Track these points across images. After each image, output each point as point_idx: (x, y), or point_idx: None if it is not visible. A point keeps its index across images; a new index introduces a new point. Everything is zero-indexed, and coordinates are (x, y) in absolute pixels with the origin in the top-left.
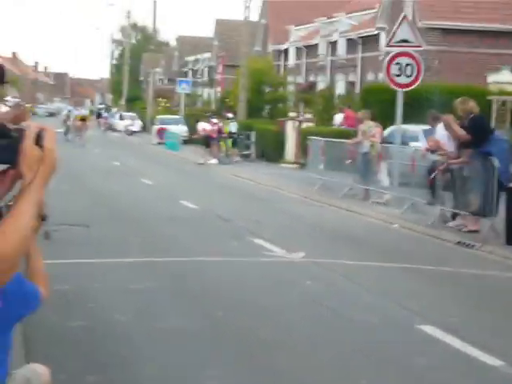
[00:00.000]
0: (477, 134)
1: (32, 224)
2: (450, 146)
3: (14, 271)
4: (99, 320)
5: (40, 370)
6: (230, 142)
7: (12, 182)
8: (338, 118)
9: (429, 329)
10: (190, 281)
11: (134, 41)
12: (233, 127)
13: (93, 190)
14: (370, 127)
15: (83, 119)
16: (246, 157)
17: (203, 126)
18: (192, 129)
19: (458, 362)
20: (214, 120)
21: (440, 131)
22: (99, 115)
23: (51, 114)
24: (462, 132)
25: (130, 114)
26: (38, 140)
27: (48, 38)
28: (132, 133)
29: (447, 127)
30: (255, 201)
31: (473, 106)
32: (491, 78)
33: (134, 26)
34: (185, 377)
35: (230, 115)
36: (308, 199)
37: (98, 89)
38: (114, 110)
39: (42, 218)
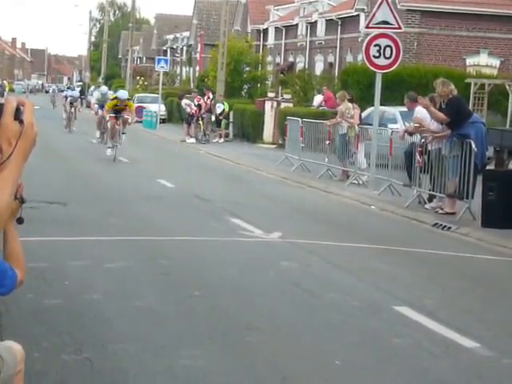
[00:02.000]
0: (455, 115)
1: (9, 200)
2: (432, 124)
3: None
4: (75, 298)
5: (14, 347)
6: (224, 122)
7: None
8: (318, 98)
9: (405, 310)
10: (167, 260)
11: (112, 18)
12: (218, 108)
13: (70, 168)
14: (349, 108)
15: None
16: (224, 136)
17: (187, 103)
18: (169, 107)
19: (433, 344)
20: (206, 97)
21: (420, 111)
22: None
23: (31, 91)
24: (440, 114)
25: (110, 91)
26: (17, 114)
27: (26, 14)
28: None
29: (426, 110)
30: (233, 181)
31: (452, 88)
32: (470, 61)
33: (113, 4)
34: (160, 355)
35: (211, 95)
36: (286, 180)
37: (76, 66)
38: (92, 87)
39: (21, 200)
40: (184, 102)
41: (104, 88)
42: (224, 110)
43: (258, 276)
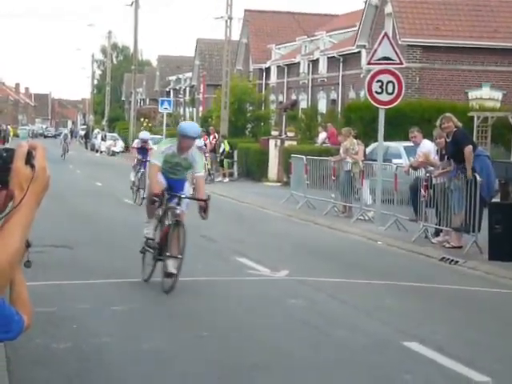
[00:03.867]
0: (461, 148)
1: (21, 245)
2: (437, 159)
3: (1, 293)
4: (84, 342)
5: None
6: (226, 162)
7: (4, 202)
8: (322, 135)
9: (414, 346)
10: (174, 301)
11: (115, 61)
12: (226, 146)
13: (75, 210)
14: (353, 145)
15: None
16: (229, 176)
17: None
18: None
19: (444, 379)
20: (212, 136)
21: (427, 146)
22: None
23: (35, 136)
24: (470, 160)
25: (113, 134)
26: (29, 159)
27: (29, 59)
28: (114, 153)
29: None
30: (239, 220)
31: (456, 121)
32: (472, 94)
33: (115, 47)
34: None
35: (216, 135)
36: (292, 217)
37: (79, 109)
38: (96, 130)
39: (27, 244)
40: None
41: (145, 134)
42: (225, 149)
43: (265, 315)
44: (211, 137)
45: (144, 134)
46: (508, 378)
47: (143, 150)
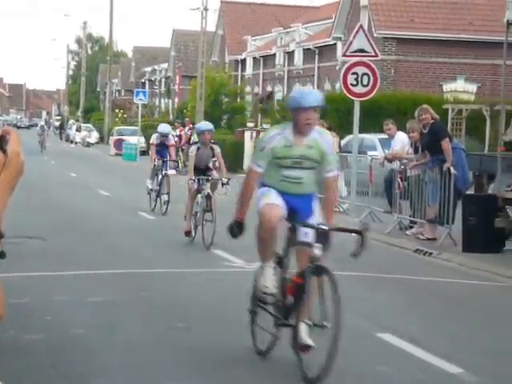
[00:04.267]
0: (435, 141)
1: None
2: (411, 152)
3: None
4: (58, 333)
5: None
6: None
7: None
8: None
9: (388, 337)
10: (150, 292)
11: (90, 52)
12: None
13: (50, 201)
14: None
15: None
16: None
17: (172, 133)
18: (149, 139)
19: (417, 370)
20: (187, 128)
21: (401, 138)
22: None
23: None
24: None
25: (87, 125)
26: (2, 144)
27: (4, 49)
28: (89, 144)
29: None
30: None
31: (432, 113)
32: (447, 87)
33: (90, 37)
34: None
35: (188, 127)
36: None
37: (54, 100)
38: (71, 121)
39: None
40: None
41: (165, 127)
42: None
43: (241, 306)
44: (186, 128)
45: (164, 127)
46: (483, 369)
47: (163, 146)
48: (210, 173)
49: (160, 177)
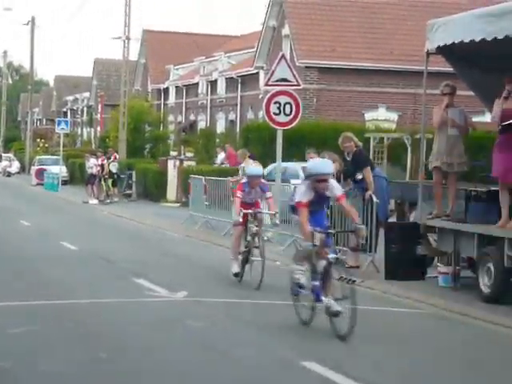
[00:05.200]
0: (356, 169)
1: None
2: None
3: None
4: None
5: None
6: (110, 181)
7: None
8: (220, 156)
9: (312, 365)
10: (72, 323)
11: (10, 81)
12: (113, 167)
13: None
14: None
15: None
16: (127, 196)
17: (95, 163)
18: (71, 168)
19: None
20: (102, 157)
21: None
22: None
23: None
24: (371, 180)
25: (8, 155)
26: None
27: None
28: (10, 174)
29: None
30: (138, 241)
31: (356, 140)
32: (368, 116)
33: (9, 66)
34: None
35: (113, 157)
36: (191, 238)
37: None
38: None
39: None
40: (92, 161)
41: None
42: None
43: (164, 336)
44: (112, 158)
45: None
46: None
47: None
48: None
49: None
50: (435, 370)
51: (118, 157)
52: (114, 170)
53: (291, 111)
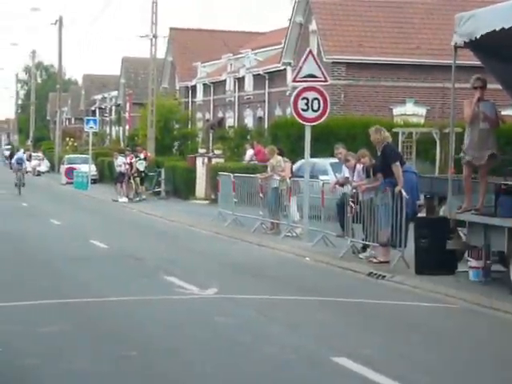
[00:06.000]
0: (387, 163)
1: None
2: (364, 177)
3: None
4: (9, 364)
5: None
6: (138, 179)
7: None
8: (249, 153)
9: (343, 361)
10: (102, 322)
11: (39, 80)
12: (140, 165)
13: None
14: (279, 162)
15: None
16: (156, 194)
17: (123, 161)
18: (100, 167)
19: None
20: (130, 156)
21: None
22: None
23: None
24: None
25: (38, 154)
26: None
27: None
28: (40, 173)
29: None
30: (167, 238)
31: (386, 135)
32: (396, 111)
33: (39, 66)
34: None
35: (142, 155)
36: (220, 235)
37: (4, 129)
38: (21, 150)
39: None
40: (120, 159)
41: None
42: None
43: (194, 334)
44: (142, 155)
45: None
46: None
47: None
48: None
49: None
50: (468, 367)
51: (149, 155)
52: (141, 168)
53: (319, 107)
